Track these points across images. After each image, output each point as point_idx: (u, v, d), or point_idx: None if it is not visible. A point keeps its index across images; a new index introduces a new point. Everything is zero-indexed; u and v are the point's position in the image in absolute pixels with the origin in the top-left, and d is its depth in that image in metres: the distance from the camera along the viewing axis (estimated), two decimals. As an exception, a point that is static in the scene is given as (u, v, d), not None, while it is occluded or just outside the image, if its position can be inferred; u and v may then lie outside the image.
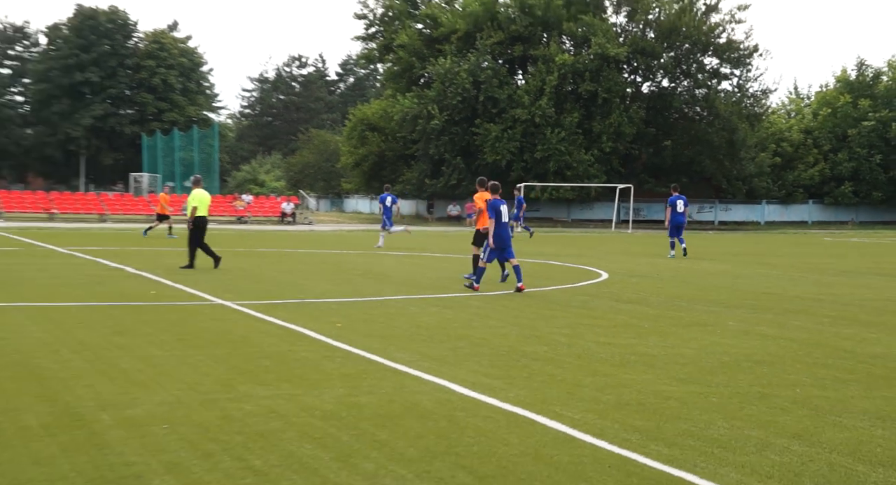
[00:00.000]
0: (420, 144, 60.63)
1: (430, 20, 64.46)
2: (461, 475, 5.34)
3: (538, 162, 58.51)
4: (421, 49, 62.67)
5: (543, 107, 57.60)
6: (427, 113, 58.71)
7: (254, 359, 8.79)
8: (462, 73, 57.84)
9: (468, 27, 60.54)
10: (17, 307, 12.20)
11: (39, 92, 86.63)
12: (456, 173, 59.85)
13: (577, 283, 17.92)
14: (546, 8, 59.77)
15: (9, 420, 6.26)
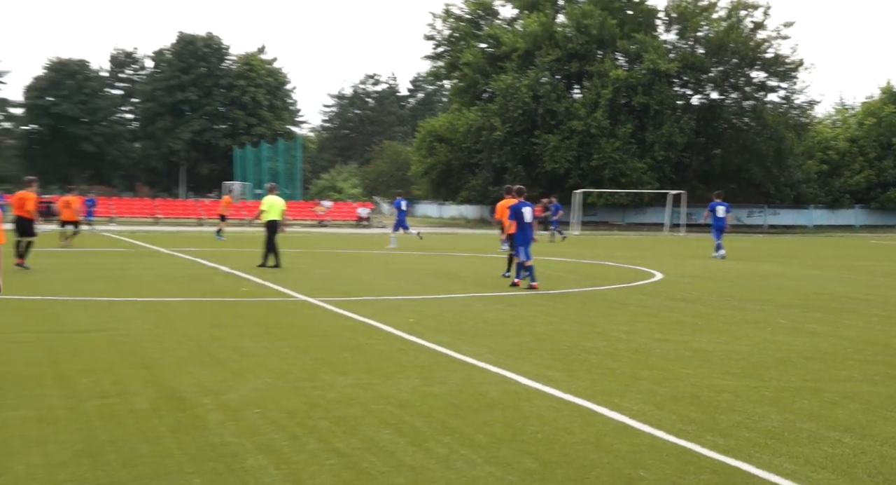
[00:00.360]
0: (483, 153, 60.76)
1: (493, 40, 64.58)
2: (527, 461, 5.27)
3: (594, 169, 58.18)
4: (484, 66, 62.84)
5: (598, 118, 57.36)
6: (490, 125, 58.97)
7: (335, 351, 8.84)
8: (522, 88, 57.95)
9: (528, 46, 60.55)
10: (129, 302, 12.47)
11: (146, 110, 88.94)
12: (517, 181, 59.59)
13: (633, 283, 17.66)
14: (601, 27, 59.50)
15: (123, 402, 6.39)
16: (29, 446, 5.25)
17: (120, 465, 4.95)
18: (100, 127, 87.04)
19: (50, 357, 8.07)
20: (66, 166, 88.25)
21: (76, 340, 9.09)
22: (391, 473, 4.97)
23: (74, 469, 4.84)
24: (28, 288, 13.93)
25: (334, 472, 4.96)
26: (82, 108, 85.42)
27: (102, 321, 10.44)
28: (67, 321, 10.38)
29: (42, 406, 6.22)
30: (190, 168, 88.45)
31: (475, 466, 5.15)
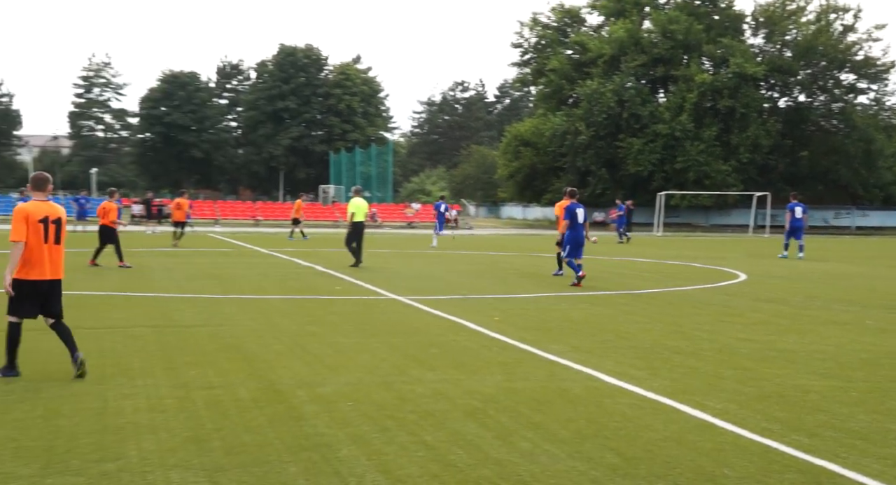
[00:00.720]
0: (568, 157, 60.39)
1: (579, 46, 64.13)
2: (609, 456, 5.20)
3: (678, 172, 57.15)
4: (570, 72, 62.45)
5: (683, 122, 56.34)
6: (575, 129, 58.63)
7: (423, 347, 8.89)
8: (607, 93, 57.40)
9: (613, 51, 59.94)
10: (231, 299, 12.83)
11: (249, 118, 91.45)
12: (601, 183, 59.64)
13: (717, 283, 17.22)
14: (687, 32, 58.42)
15: (226, 394, 6.58)
16: (141, 432, 5.45)
17: (224, 452, 5.09)
18: (207, 134, 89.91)
19: (160, 350, 8.37)
20: (177, 171, 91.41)
21: (184, 334, 9.39)
22: (477, 465, 4.98)
23: (183, 455, 5.01)
24: (141, 286, 14.49)
25: (422, 464, 4.99)
26: (191, 117, 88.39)
27: (208, 317, 10.75)
28: (176, 317, 10.73)
29: (153, 395, 6.45)
30: (288, 172, 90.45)
31: (558, 460, 5.11)
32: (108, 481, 4.53)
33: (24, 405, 6.03)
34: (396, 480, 4.70)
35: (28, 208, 7.01)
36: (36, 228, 6.94)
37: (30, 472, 4.63)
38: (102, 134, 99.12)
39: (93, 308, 11.29)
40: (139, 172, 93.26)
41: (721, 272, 20.05)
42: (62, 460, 4.86)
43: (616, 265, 22.26)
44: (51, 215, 7.08)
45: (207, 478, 4.62)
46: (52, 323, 7.17)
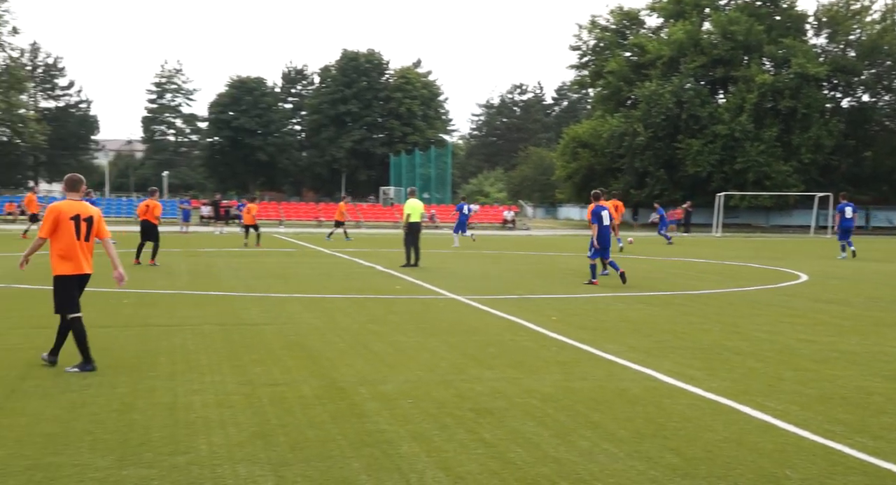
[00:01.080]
0: (626, 158, 59.76)
1: (638, 48, 63.40)
2: (669, 456, 5.12)
3: (737, 173, 56.09)
4: (628, 74, 61.80)
5: (743, 122, 55.28)
6: (633, 130, 58.02)
7: (481, 346, 8.88)
8: (666, 95, 56.65)
9: (672, 53, 59.11)
10: (295, 298, 13.00)
11: (312, 122, 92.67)
12: (659, 184, 58.91)
13: (777, 284, 16.81)
14: (747, 33, 57.28)
15: (291, 390, 6.66)
16: (210, 427, 5.56)
17: (289, 447, 5.16)
18: (272, 138, 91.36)
19: (228, 347, 8.52)
20: (243, 174, 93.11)
21: (250, 332, 9.55)
22: (536, 464, 4.95)
23: (250, 449, 5.09)
24: (209, 285, 14.78)
25: (481, 461, 4.98)
26: (258, 122, 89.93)
27: (273, 316, 10.91)
28: (243, 315, 10.91)
29: (221, 391, 6.57)
30: (350, 174, 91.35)
31: (617, 459, 5.05)
32: (179, 473, 4.63)
33: (99, 400, 6.21)
34: (456, 476, 4.70)
35: (60, 207, 7.36)
36: (67, 225, 7.26)
37: (106, 464, 4.76)
38: (173, 138, 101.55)
39: (164, 306, 11.56)
40: (208, 175, 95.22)
41: (781, 273, 19.58)
42: (136, 452, 4.98)
43: (673, 266, 21.92)
44: (82, 214, 7.40)
45: (273, 472, 4.69)
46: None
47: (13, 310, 10.86)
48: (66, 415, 5.75)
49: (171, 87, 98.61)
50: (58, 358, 7.38)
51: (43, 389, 6.51)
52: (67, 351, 7.40)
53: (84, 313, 10.61)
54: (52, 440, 5.17)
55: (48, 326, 9.52)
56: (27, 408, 5.92)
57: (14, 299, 12.01)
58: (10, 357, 7.70)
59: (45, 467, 4.67)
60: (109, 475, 4.57)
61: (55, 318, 10.20)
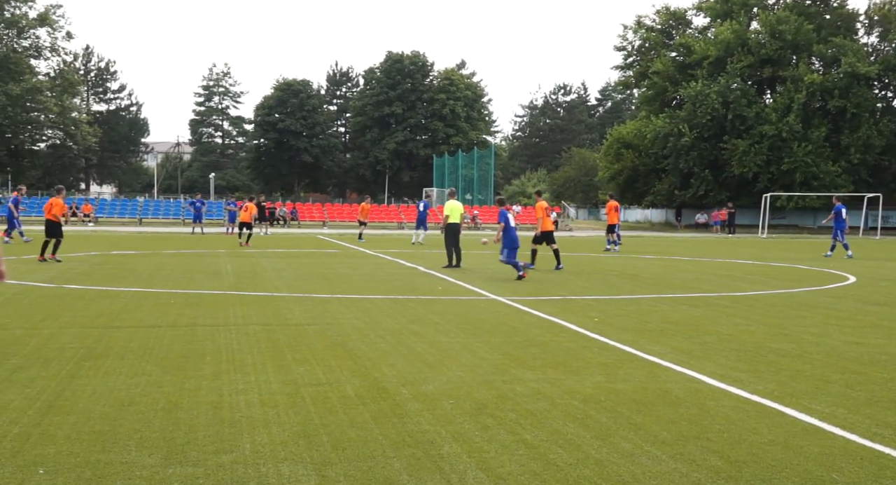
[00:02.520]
0: (670, 158, 59.12)
1: (684, 48, 62.70)
2: (713, 459, 5.05)
3: (784, 174, 55.14)
4: (674, 74, 61.15)
5: (791, 123, 54.31)
6: (678, 131, 57.37)
7: (523, 347, 8.85)
8: (712, 95, 55.93)
9: (719, 53, 58.34)
10: (338, 298, 13.09)
11: (357, 124, 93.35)
12: (704, 185, 58.22)
13: (824, 285, 16.47)
14: (796, 32, 56.28)
15: (333, 390, 6.71)
16: (255, 426, 5.62)
17: (331, 447, 5.19)
18: (317, 140, 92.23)
19: (271, 347, 8.61)
20: (288, 176, 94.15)
21: (294, 332, 9.64)
22: (577, 465, 4.91)
23: (293, 449, 5.13)
24: (254, 285, 14.96)
25: (523, 462, 4.96)
26: (303, 124, 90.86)
27: (316, 316, 11.00)
28: (286, 315, 11.02)
29: (265, 391, 6.64)
30: (393, 176, 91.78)
31: (660, 462, 4.99)
32: (223, 472, 4.69)
33: (146, 398, 6.31)
34: (497, 477, 4.69)
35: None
36: None
37: (153, 462, 4.84)
38: (220, 140, 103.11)
39: (209, 306, 11.72)
40: (254, 177, 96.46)
41: (828, 274, 19.18)
42: (182, 451, 5.05)
43: (718, 267, 21.61)
44: None
45: (316, 472, 4.72)
46: None
47: (64, 310, 11.11)
48: (114, 413, 5.86)
49: (219, 90, 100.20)
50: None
51: (92, 387, 6.64)
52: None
53: (133, 313, 10.85)
54: (101, 438, 5.27)
55: (97, 326, 9.73)
56: (76, 406, 6.05)
57: (64, 300, 12.29)
58: (60, 356, 7.88)
59: (93, 465, 4.76)
60: (156, 473, 4.64)
61: (106, 317, 10.43)
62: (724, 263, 23.40)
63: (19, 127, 69.06)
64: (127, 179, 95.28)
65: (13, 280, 14.79)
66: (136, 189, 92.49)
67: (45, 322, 9.95)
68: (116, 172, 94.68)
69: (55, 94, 69.62)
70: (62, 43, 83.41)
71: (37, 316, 10.45)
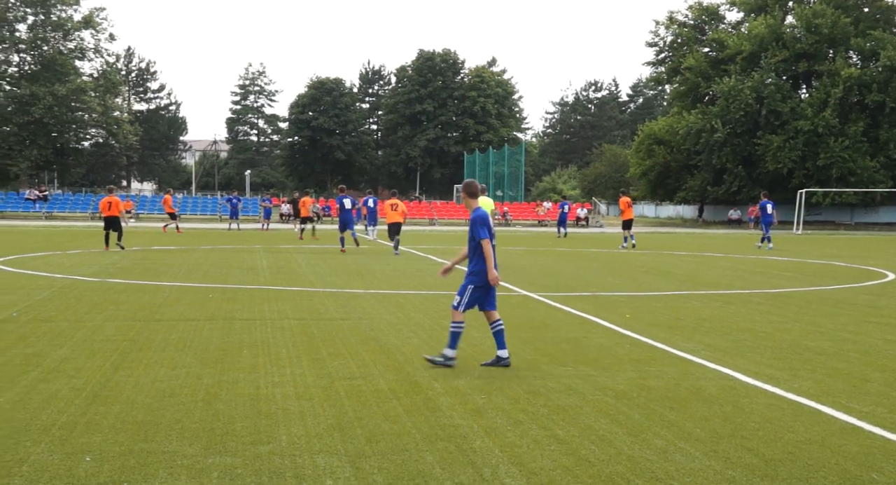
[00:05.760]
0: (703, 154, 58.42)
1: (717, 44, 61.93)
2: (747, 457, 4.99)
3: (820, 169, 54.18)
4: (706, 70, 60.38)
5: (827, 118, 53.31)
6: (710, 127, 56.64)
7: (554, 342, 8.82)
8: (745, 90, 55.15)
9: (753, 48, 57.46)
10: (371, 294, 13.16)
11: (388, 121, 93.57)
12: (737, 181, 57.41)
13: (862, 283, 16.20)
14: (833, 26, 55.22)
15: (367, 384, 6.75)
16: (290, 418, 5.67)
17: (365, 440, 5.22)
18: (350, 137, 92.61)
19: (306, 341, 8.68)
20: (321, 173, 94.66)
21: (328, 327, 9.70)
22: (610, 461, 4.89)
23: (328, 441, 5.17)
24: (289, 281, 15.08)
25: (554, 457, 4.95)
26: (336, 121, 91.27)
27: (349, 311, 11.06)
28: (321, 310, 11.10)
29: (300, 384, 6.70)
30: (424, 172, 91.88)
31: (694, 459, 4.95)
32: (261, 463, 4.74)
33: (186, 390, 6.40)
34: (530, 472, 4.68)
35: None
36: None
37: (193, 451, 4.91)
38: (256, 138, 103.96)
39: (246, 301, 11.84)
40: (288, 174, 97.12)
41: (866, 272, 18.86)
42: (221, 441, 5.12)
43: (752, 264, 21.34)
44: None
45: (350, 464, 4.76)
46: None
47: (108, 303, 11.29)
48: (156, 404, 5.96)
49: (255, 89, 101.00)
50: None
51: (135, 378, 6.75)
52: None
53: (173, 307, 10.99)
54: (144, 428, 5.36)
55: (139, 319, 9.88)
56: (120, 397, 6.16)
57: (108, 293, 12.49)
58: (105, 348, 8.01)
59: (137, 453, 4.85)
60: (196, 463, 4.71)
61: (147, 310, 10.59)
62: (758, 259, 23.11)
63: (65, 126, 70.35)
64: (166, 177, 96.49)
65: (59, 274, 15.07)
66: (174, 186, 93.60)
67: (89, 315, 10.13)
68: (156, 169, 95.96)
69: (98, 94, 70.76)
70: (105, 44, 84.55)
71: (82, 309, 10.64)
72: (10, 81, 70.35)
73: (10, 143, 67.82)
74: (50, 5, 68.18)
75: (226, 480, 4.44)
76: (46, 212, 52.66)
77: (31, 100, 66.01)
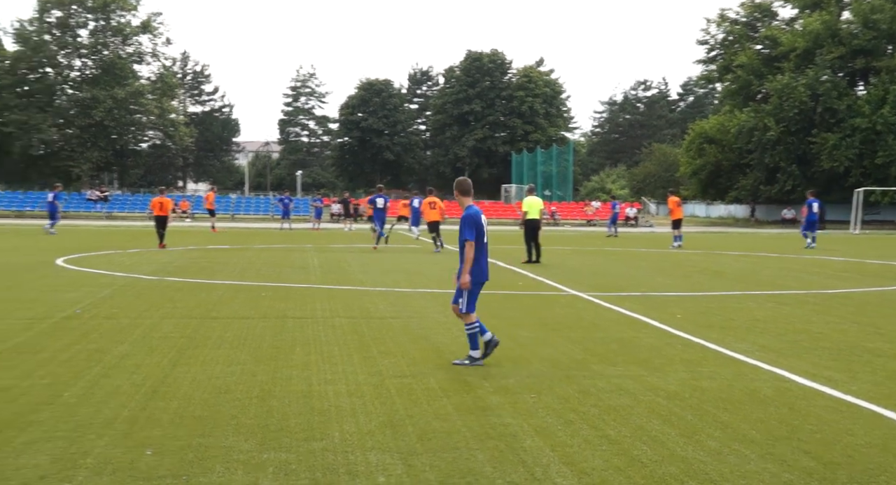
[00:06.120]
0: (755, 153, 57.30)
1: (770, 41, 60.71)
2: (804, 460, 4.88)
3: (879, 168, 52.72)
4: (759, 67, 59.26)
5: (886, 115, 51.87)
6: (763, 125, 55.54)
7: (604, 342, 8.74)
8: (800, 88, 53.92)
9: (807, 44, 56.16)
10: (421, 293, 13.21)
11: (436, 121, 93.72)
12: (791, 180, 56.13)
13: (921, 284, 15.71)
14: (892, 21, 53.68)
15: (417, 383, 6.77)
16: (343, 415, 5.72)
17: (416, 437, 5.24)
18: (398, 138, 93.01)
19: (357, 339, 8.74)
20: (370, 173, 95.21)
21: (378, 325, 9.76)
22: (662, 462, 4.83)
23: (380, 438, 5.20)
24: (340, 280, 15.20)
25: (606, 457, 4.91)
26: (385, 122, 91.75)
27: (399, 310, 11.11)
28: (371, 309, 11.16)
29: (352, 381, 6.75)
30: (472, 172, 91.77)
31: (749, 461, 4.86)
32: (314, 459, 4.79)
33: (241, 386, 6.50)
34: (581, 472, 4.65)
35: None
36: None
37: (249, 447, 4.98)
38: (307, 139, 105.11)
39: (298, 299, 11.97)
40: (338, 174, 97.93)
41: (926, 272, 18.30)
42: (275, 437, 5.18)
43: (807, 264, 20.87)
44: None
45: (402, 461, 4.78)
46: None
47: (165, 301, 11.52)
48: (213, 400, 6.06)
49: (305, 91, 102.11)
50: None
51: (192, 374, 6.88)
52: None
53: (227, 305, 11.17)
54: (201, 423, 5.45)
55: (196, 317, 10.06)
56: (178, 392, 6.28)
57: (166, 291, 12.75)
58: (163, 345, 8.18)
59: (195, 448, 4.94)
60: (252, 458, 4.78)
61: (203, 308, 10.78)
62: (813, 259, 22.60)
63: (124, 128, 72.16)
64: (220, 177, 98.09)
65: (120, 272, 15.44)
66: (228, 186, 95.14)
67: (148, 312, 10.36)
68: (211, 170, 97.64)
69: (155, 96, 72.42)
70: (162, 48, 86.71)
71: (141, 306, 10.88)
72: (72, 85, 72.41)
73: (72, 145, 69.80)
74: (110, 11, 69.99)
75: (280, 475, 4.50)
76: (107, 212, 53.97)
77: (92, 103, 67.84)
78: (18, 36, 69.04)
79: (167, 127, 74.59)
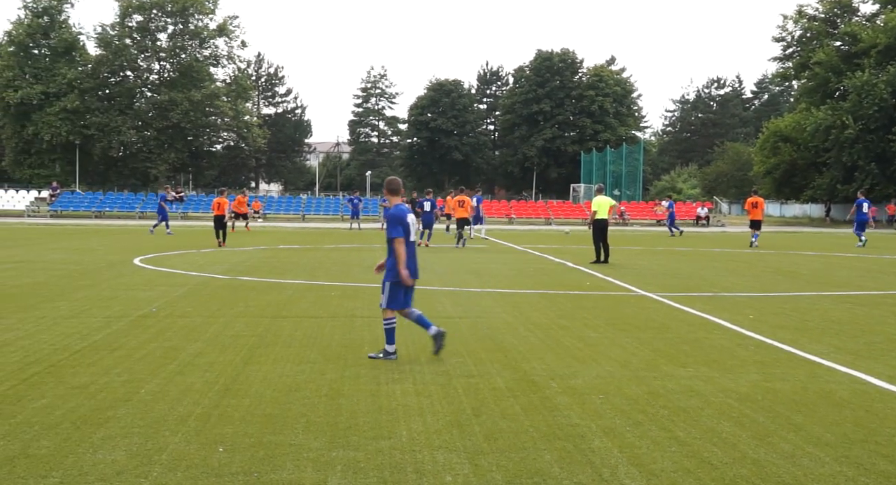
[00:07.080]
0: (832, 152, 55.48)
1: (849, 37, 58.63)
2: (882, 463, 4.71)
3: (961, 166, 50.45)
4: (837, 64, 57.33)
5: (967, 112, 49.58)
6: (841, 123, 53.71)
7: (674, 343, 8.59)
8: (880, 85, 52.05)
9: (889, 40, 54.10)
10: (488, 293, 13.19)
11: (505, 121, 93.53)
12: (870, 179, 54.17)
13: None
14: (977, 17, 51.27)
15: (484, 382, 6.77)
16: (410, 414, 5.75)
17: (483, 437, 5.24)
18: (467, 138, 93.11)
19: (424, 339, 8.76)
20: (439, 173, 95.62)
21: (445, 324, 9.70)
22: (733, 464, 4.72)
23: (447, 437, 5.22)
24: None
25: (675, 459, 4.82)
26: (454, 122, 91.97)
27: (466, 309, 11.12)
28: (438, 308, 11.19)
29: (419, 381, 6.78)
30: (540, 172, 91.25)
31: (823, 464, 4.71)
32: (382, 457, 4.83)
33: (311, 385, 6.60)
34: (650, 473, 4.58)
35: None
36: None
37: (318, 445, 5.06)
38: (376, 140, 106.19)
39: (366, 298, 12.09)
40: (407, 174, 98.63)
41: None
42: (344, 435, 5.25)
43: (885, 264, 20.10)
44: None
45: (469, 460, 4.78)
46: None
47: (238, 300, 11.79)
48: (283, 398, 6.17)
49: (376, 92, 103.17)
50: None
51: (263, 373, 7.02)
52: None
53: (297, 304, 11.37)
54: (272, 421, 5.56)
55: (267, 316, 10.26)
56: (250, 390, 6.41)
57: (238, 291, 13.04)
58: (235, 343, 8.37)
59: (266, 445, 5.04)
60: (321, 455, 4.85)
61: (274, 307, 10.99)
62: (892, 260, 21.76)
63: (199, 130, 74.16)
64: (292, 178, 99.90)
65: (193, 272, 15.87)
66: (299, 187, 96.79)
67: (221, 311, 10.61)
68: (283, 171, 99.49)
69: (230, 99, 74.14)
70: (237, 51, 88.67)
71: (214, 305, 11.15)
72: (151, 88, 74.74)
73: (150, 146, 72.06)
74: (188, 15, 71.97)
75: (349, 473, 4.55)
76: (182, 212, 55.51)
77: (169, 105, 69.90)
78: (101, 40, 71.50)
79: (241, 128, 76.27)
